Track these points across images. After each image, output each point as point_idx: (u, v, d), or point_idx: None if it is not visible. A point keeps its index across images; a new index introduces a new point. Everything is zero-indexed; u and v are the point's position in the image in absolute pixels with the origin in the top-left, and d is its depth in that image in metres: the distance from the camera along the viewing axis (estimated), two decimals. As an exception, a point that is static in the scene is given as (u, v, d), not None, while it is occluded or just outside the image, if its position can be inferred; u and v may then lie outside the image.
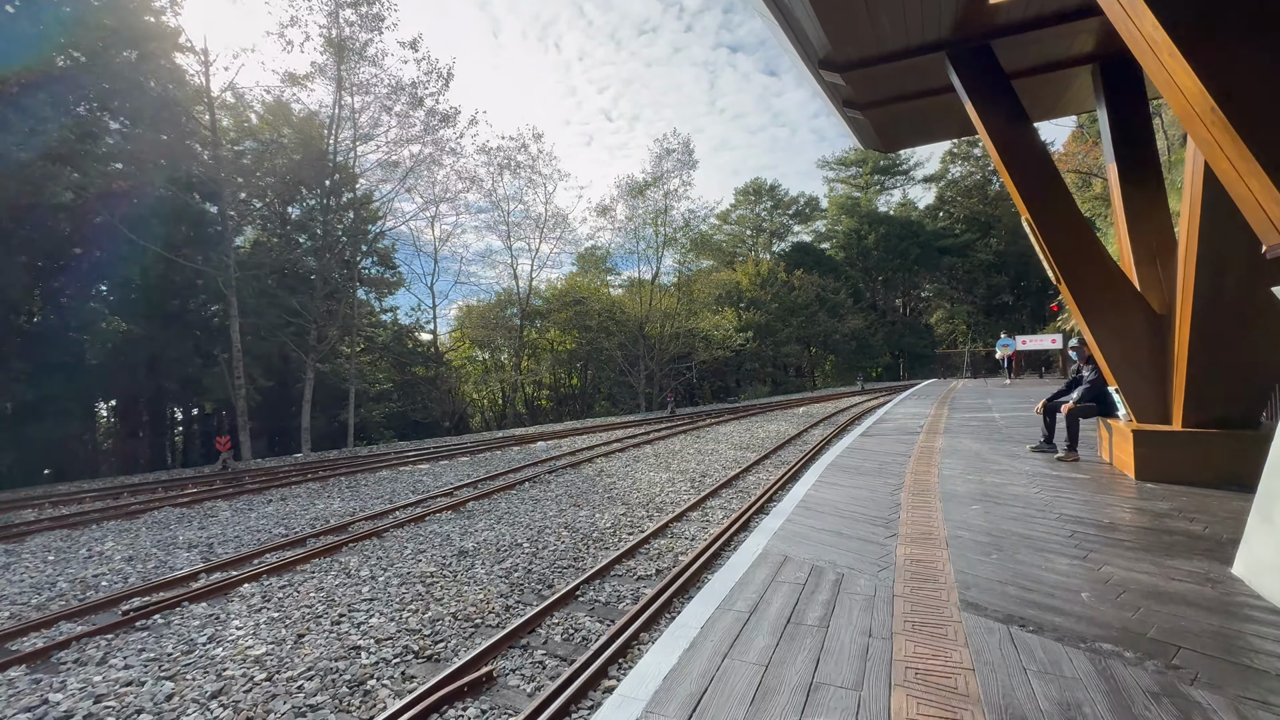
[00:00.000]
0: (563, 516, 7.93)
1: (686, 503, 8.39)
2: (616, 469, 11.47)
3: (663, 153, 27.11)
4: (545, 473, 11.24)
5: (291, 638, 4.51)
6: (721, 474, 10.49)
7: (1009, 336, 19.11)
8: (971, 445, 7.76)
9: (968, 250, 50.14)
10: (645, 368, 28.08)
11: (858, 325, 41.25)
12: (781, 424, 17.75)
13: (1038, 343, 21.38)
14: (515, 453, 14.70)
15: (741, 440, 14.71)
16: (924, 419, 10.83)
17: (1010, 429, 9.08)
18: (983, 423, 9.89)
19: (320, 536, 7.58)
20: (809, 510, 4.89)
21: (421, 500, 9.47)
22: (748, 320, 35.03)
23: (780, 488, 8.94)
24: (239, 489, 11.11)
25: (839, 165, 57.05)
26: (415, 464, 13.61)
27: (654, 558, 6.09)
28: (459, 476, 11.67)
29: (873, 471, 6.38)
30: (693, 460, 12.03)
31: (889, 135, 9.86)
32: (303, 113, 24.84)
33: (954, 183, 56.37)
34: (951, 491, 5.30)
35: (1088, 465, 6.31)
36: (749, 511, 7.53)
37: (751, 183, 50.65)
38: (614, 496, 9.04)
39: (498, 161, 26.80)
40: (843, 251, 52.02)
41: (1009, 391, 16.23)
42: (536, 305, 32.43)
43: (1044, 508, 4.68)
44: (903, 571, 3.47)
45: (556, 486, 10.05)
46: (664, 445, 14.48)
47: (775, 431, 16.06)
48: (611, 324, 28.66)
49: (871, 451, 7.65)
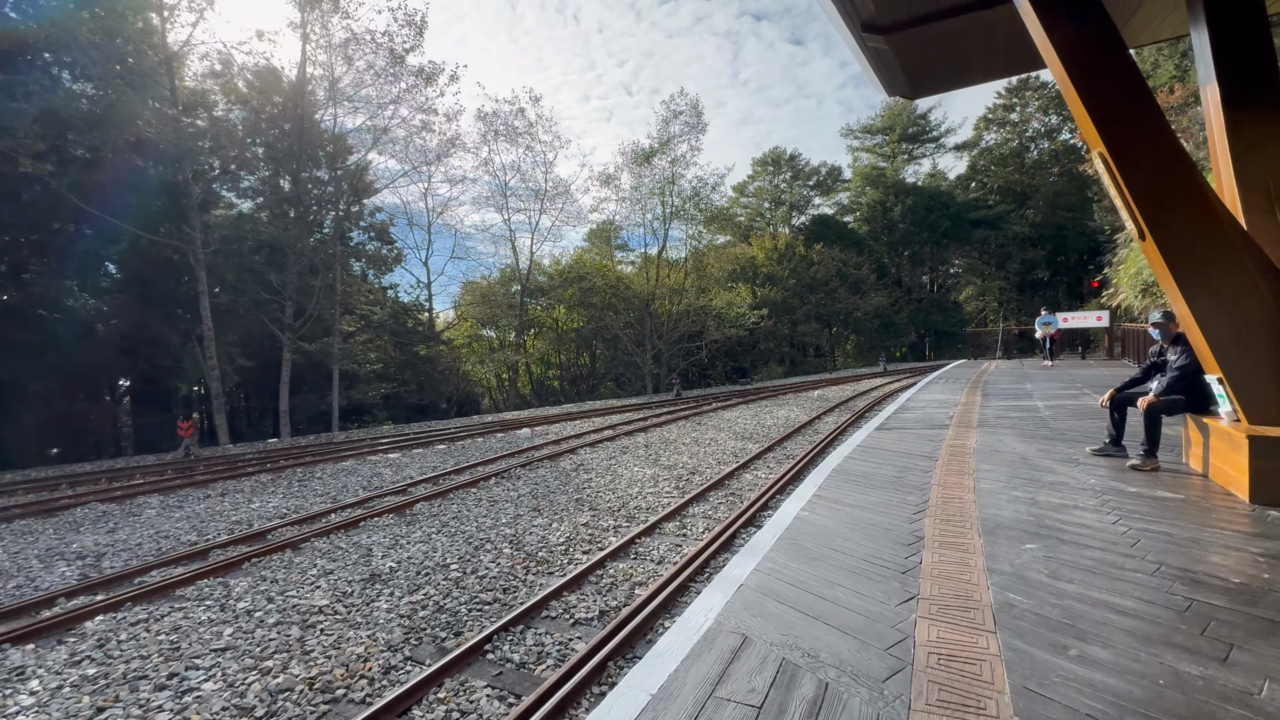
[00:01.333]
0: (515, 525, 6.74)
1: (665, 509, 7.13)
2: (598, 462, 10.24)
3: (670, 115, 25.28)
4: (519, 465, 10.07)
5: (89, 713, 3.39)
6: (715, 470, 9.19)
7: (1050, 313, 17.25)
8: (1014, 445, 6.30)
9: (1001, 222, 47.28)
10: (652, 347, 26.72)
11: (881, 302, 39.16)
12: (793, 409, 16.32)
13: (1081, 320, 19.46)
14: (497, 440, 13.59)
15: (746, 428, 13.37)
16: (953, 408, 9.35)
17: (1059, 422, 7.57)
18: (1024, 414, 8.38)
19: (230, 547, 6.52)
20: (794, 547, 3.57)
21: (368, 499, 8.38)
22: (763, 297, 33.29)
23: (779, 490, 7.61)
24: (187, 480, 10.19)
25: (864, 133, 54.09)
26: (386, 452, 12.58)
27: (604, 590, 4.85)
28: (424, 468, 10.58)
29: (888, 483, 5.01)
30: (686, 452, 10.74)
31: (916, 72, 8.17)
32: (294, 80, 23.72)
33: (988, 150, 53.03)
34: (995, 519, 3.92)
35: (1174, 477, 4.84)
36: (736, 524, 6.23)
37: (770, 152, 48.25)
38: (584, 499, 7.81)
39: (494, 128, 25.33)
40: (867, 225, 49.50)
41: (1050, 375, 14.53)
42: (541, 281, 31.18)
43: (1132, 550, 3.28)
44: (924, 680, 2.15)
45: (524, 484, 8.87)
46: (659, 434, 13.21)
47: (784, 418, 14.66)
48: (617, 301, 27.29)
49: (888, 452, 6.25)
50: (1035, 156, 51.44)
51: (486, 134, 25.22)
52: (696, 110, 25.13)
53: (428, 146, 24.53)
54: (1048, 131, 51.07)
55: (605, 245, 33.57)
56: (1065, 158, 50.29)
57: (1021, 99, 50.81)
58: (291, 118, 20.73)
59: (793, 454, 10.16)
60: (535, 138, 25.98)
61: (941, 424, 7.91)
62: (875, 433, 7.53)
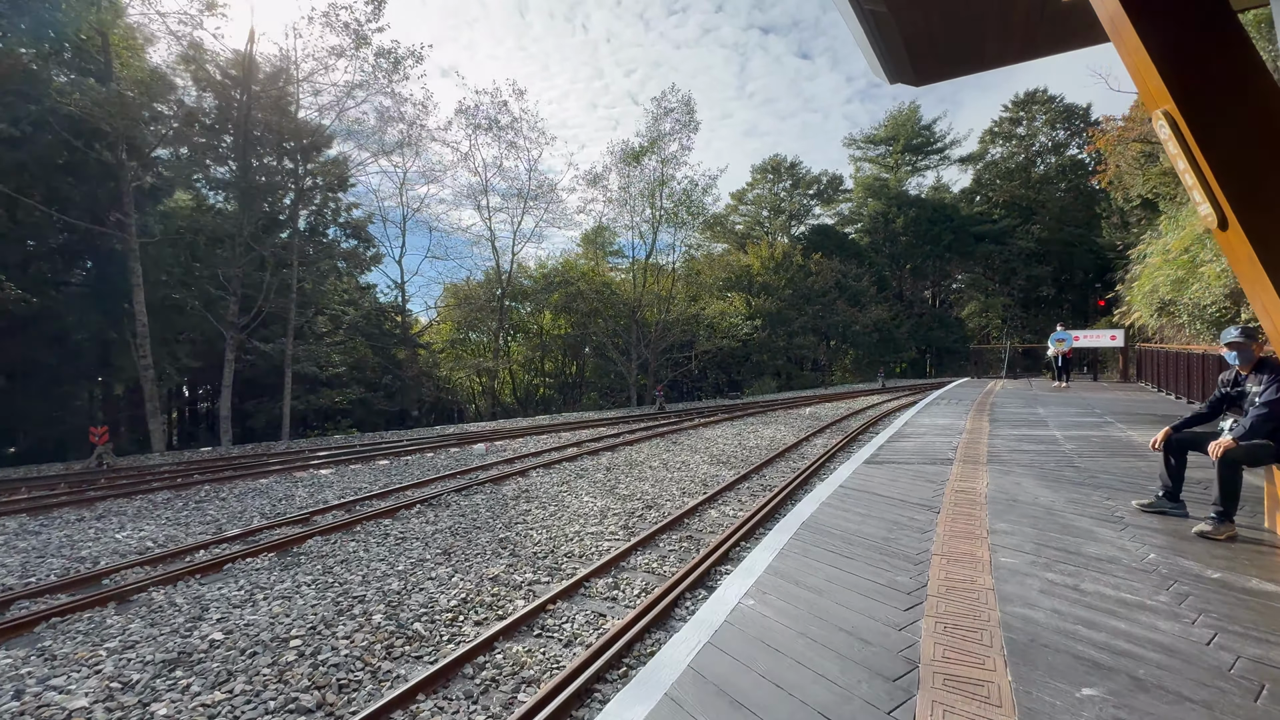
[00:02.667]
0: (409, 576, 5.43)
1: (602, 557, 5.83)
2: (546, 489, 8.94)
3: (660, 113, 24.11)
4: (455, 490, 8.76)
5: None
6: (676, 504, 7.89)
7: (1064, 330, 16.02)
8: (1036, 492, 5.03)
9: (1006, 237, 46.28)
10: (638, 356, 25.46)
11: (881, 316, 37.96)
12: (780, 428, 15.03)
13: (1094, 339, 18.24)
14: (447, 456, 12.28)
15: (725, 450, 12.07)
16: (957, 436, 8.08)
17: (1087, 460, 6.30)
18: (1042, 447, 7.11)
19: (32, 599, 5.19)
20: (719, 678, 2.29)
21: (259, 529, 7.07)
22: (758, 307, 32.08)
23: (746, 535, 6.31)
24: (75, 497, 8.87)
25: (866, 143, 53.24)
26: (319, 468, 11.26)
27: (478, 692, 3.55)
28: (347, 490, 9.26)
29: (871, 549, 3.73)
30: (650, 479, 9.44)
31: (923, 52, 6.99)
32: (268, 68, 22.78)
33: (993, 164, 52.16)
34: (1026, 627, 2.63)
35: (1259, 553, 3.56)
36: (682, 586, 4.93)
37: (770, 160, 47.31)
38: (510, 539, 6.51)
39: (475, 122, 24.17)
40: (868, 236, 48.48)
41: (1063, 398, 13.27)
42: (526, 285, 29.98)
43: (1249, 705, 2.00)
44: None
45: (450, 515, 7.55)
46: (627, 454, 11.90)
47: (770, 439, 13.37)
48: (603, 307, 26.08)
49: (876, 498, 4.98)
50: (1042, 171, 50.56)
51: (468, 128, 24.11)
52: (688, 108, 24.05)
53: (405, 138, 23.40)
54: (1055, 146, 50.25)
55: (599, 251, 32.45)
56: (1073, 173, 49.42)
57: (1028, 112, 50.05)
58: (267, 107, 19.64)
59: (771, 484, 8.86)
60: (519, 133, 24.89)
61: (943, 457, 6.63)
62: (863, 467, 6.25)
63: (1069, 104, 48.57)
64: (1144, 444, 7.14)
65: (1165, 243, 21.36)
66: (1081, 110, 48.11)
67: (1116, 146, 24.37)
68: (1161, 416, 9.73)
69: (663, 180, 24.62)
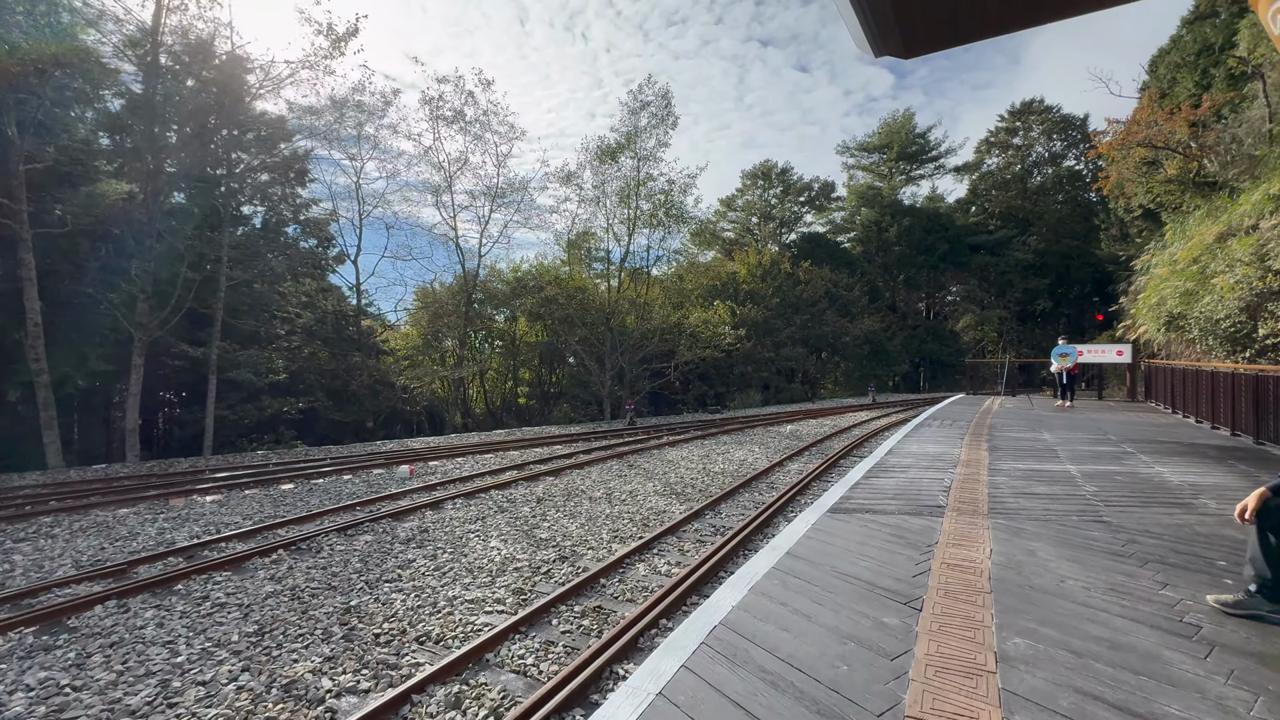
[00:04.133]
0: (186, 674, 3.89)
1: (462, 644, 4.30)
2: (450, 529, 7.39)
3: (637, 106, 22.73)
4: (336, 530, 7.20)
5: None
6: (601, 553, 6.37)
7: (1068, 344, 14.67)
8: (1060, 569, 3.55)
9: (1002, 249, 45.31)
10: (612, 367, 23.96)
11: (873, 327, 36.65)
12: (755, 449, 13.54)
13: (1100, 354, 16.93)
14: (363, 480, 10.69)
15: (685, 476, 10.56)
16: (950, 470, 6.62)
17: (1117, 509, 4.84)
18: (1055, 487, 5.65)
19: None
20: None
21: (42, 589, 5.49)
22: (743, 316, 30.68)
23: (676, 602, 4.81)
24: None
25: (860, 151, 52.38)
26: (208, 492, 9.65)
27: None
28: (210, 526, 7.68)
29: (807, 693, 2.22)
30: (582, 517, 7.90)
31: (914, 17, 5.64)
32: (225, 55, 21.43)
33: (989, 174, 51.40)
34: None
35: None
36: (547, 707, 3.41)
37: (760, 165, 46.21)
38: (358, 609, 4.97)
39: (439, 114, 22.74)
40: (860, 245, 47.41)
41: (1069, 420, 11.87)
42: (499, 289, 28.46)
43: None
44: None
45: (306, 568, 5.99)
46: (571, 480, 10.37)
47: (740, 462, 11.87)
48: (577, 313, 24.59)
49: (834, 578, 3.48)
50: (1039, 182, 49.78)
51: (431, 120, 22.66)
52: (666, 101, 22.64)
53: (359, 129, 21.98)
54: (1052, 157, 49.53)
55: (584, 257, 31.03)
56: (1070, 184, 48.65)
57: (1025, 122, 49.34)
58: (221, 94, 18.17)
59: (725, 525, 7.35)
60: (488, 127, 23.47)
61: (932, 504, 5.16)
62: (826, 520, 4.76)
63: (1066, 114, 47.92)
64: (1182, 486, 5.71)
65: (1172, 253, 20.19)
66: (1079, 121, 47.45)
67: (1119, 152, 23.25)
68: (1188, 445, 8.33)
69: (640, 180, 23.27)
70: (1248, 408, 9.13)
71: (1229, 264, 15.41)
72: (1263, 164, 18.54)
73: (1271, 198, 15.62)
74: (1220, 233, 17.14)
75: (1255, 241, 14.88)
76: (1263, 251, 14.46)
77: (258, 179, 24.20)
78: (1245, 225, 16.19)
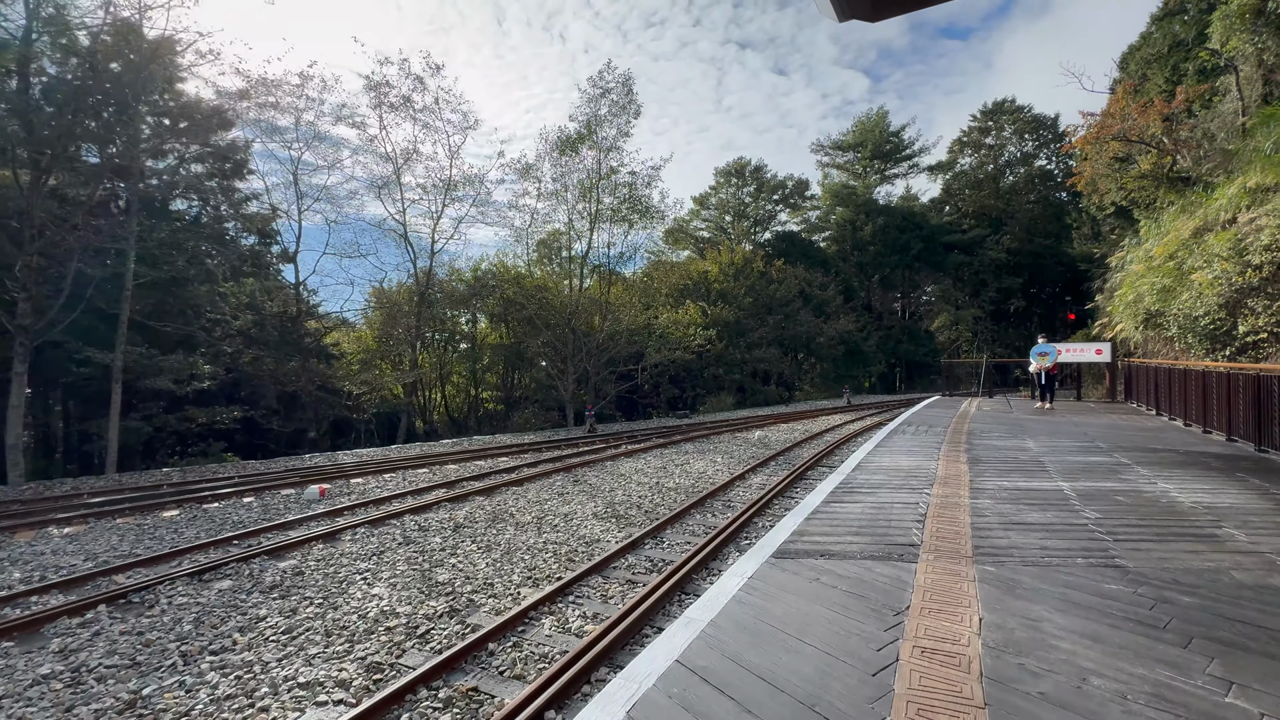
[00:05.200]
0: None
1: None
2: (334, 570, 6.16)
3: (596, 94, 21.53)
4: (187, 574, 5.91)
5: None
6: (503, 604, 5.22)
7: (1047, 342, 13.96)
8: (1072, 649, 2.51)
9: (976, 247, 45.31)
10: (575, 370, 22.76)
11: (848, 327, 36.06)
12: (717, 459, 12.50)
13: (1079, 353, 16.32)
14: (263, 503, 9.34)
15: (633, 494, 9.45)
16: (926, 490, 5.62)
17: (1126, 543, 3.86)
18: (1050, 514, 4.67)
19: None
20: None
21: None
22: (715, 316, 29.73)
23: (559, 697, 3.68)
24: None
25: (834, 149, 52.11)
26: (65, 523, 8.22)
27: None
28: (35, 571, 6.32)
29: None
30: (498, 551, 6.73)
31: None
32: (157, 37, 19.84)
33: (962, 174, 51.54)
34: None
35: None
36: None
37: (734, 162, 45.50)
38: (138, 706, 3.74)
39: (386, 100, 21.25)
40: (835, 244, 46.99)
41: (1051, 424, 11.08)
42: (459, 289, 27.03)
43: None
44: None
45: (105, 641, 4.69)
46: (501, 501, 9.17)
47: (698, 475, 10.81)
48: (537, 313, 23.31)
49: (764, 683, 2.39)
50: (1011, 181, 50.04)
51: (375, 106, 21.17)
52: (628, 88, 21.44)
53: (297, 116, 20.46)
54: (1024, 157, 49.83)
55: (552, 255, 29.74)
56: (1041, 184, 48.96)
57: (997, 122, 49.53)
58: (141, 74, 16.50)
59: (664, 560, 6.26)
60: (438, 115, 22.09)
61: (903, 541, 4.12)
62: (769, 568, 3.69)
63: (1037, 114, 48.22)
64: (1195, 510, 4.79)
65: (1148, 249, 19.78)
66: (1050, 120, 47.78)
67: (1092, 147, 22.89)
68: (1185, 454, 7.51)
69: (601, 174, 22.07)
70: (1246, 411, 8.37)
71: (1207, 259, 14.96)
72: (1238, 158, 18.19)
73: (1248, 191, 15.20)
74: (1197, 228, 16.73)
75: (1233, 236, 14.46)
76: (1241, 246, 14.00)
77: (190, 170, 22.56)
78: (1222, 219, 15.79)
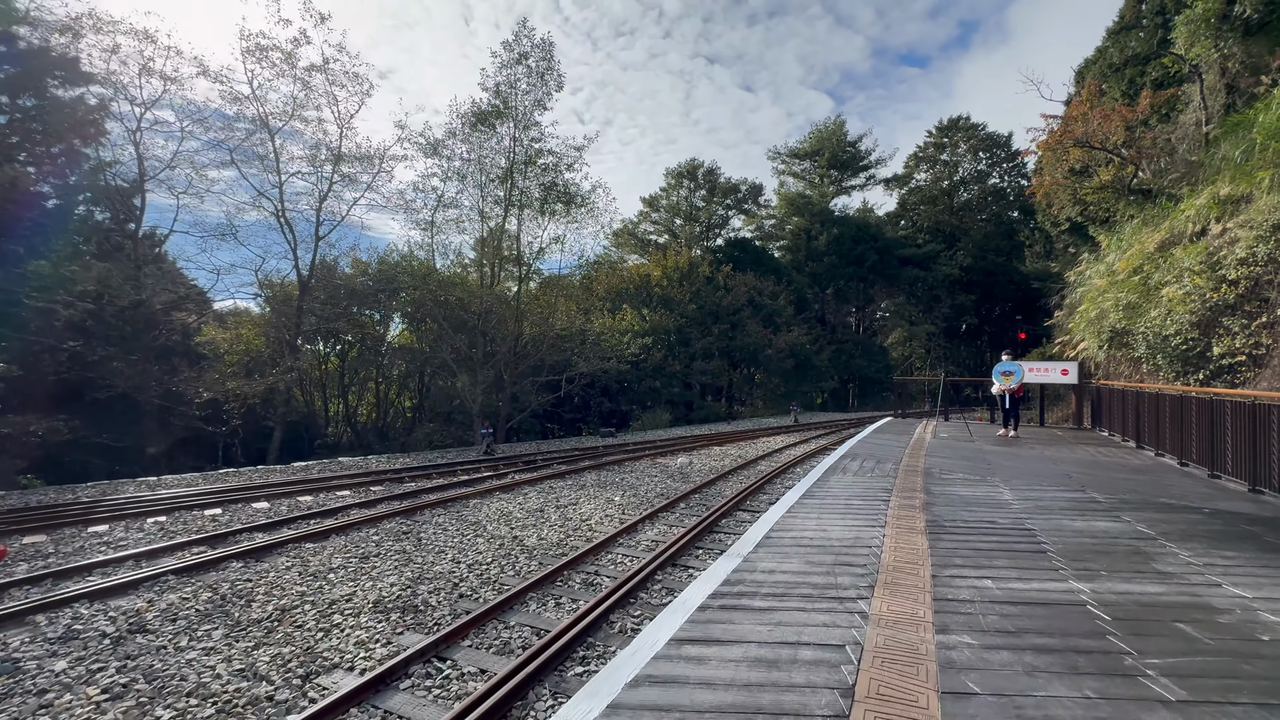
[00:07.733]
0: None
1: None
2: None
3: (511, 60, 18.82)
4: None
5: None
6: None
7: (1012, 360, 12.15)
8: None
9: (930, 262, 44.91)
10: (483, 379, 19.92)
11: (799, 339, 34.39)
12: (614, 498, 9.98)
13: (1043, 374, 14.67)
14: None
15: (463, 561, 6.81)
16: (859, 604, 3.24)
17: None
18: (1081, 660, 2.34)
19: None
20: None
21: None
22: (654, 323, 27.44)
23: None
24: None
25: (791, 157, 51.15)
26: None
27: None
28: None
29: None
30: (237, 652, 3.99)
31: None
32: None
33: (918, 189, 51.44)
34: None
35: None
36: None
37: (685, 163, 43.72)
38: None
39: (265, 58, 17.92)
40: (789, 254, 45.76)
41: (1020, 460, 9.06)
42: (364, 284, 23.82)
43: None
44: None
45: None
46: (251, 577, 6.37)
47: (576, 526, 8.25)
48: (440, 311, 20.41)
49: None
50: (965, 198, 50.21)
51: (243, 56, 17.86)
52: (547, 55, 18.87)
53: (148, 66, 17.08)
54: (977, 175, 50.11)
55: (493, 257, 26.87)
56: (994, 202, 49.27)
57: (951, 139, 49.66)
58: None
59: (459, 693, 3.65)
60: (326, 73, 18.95)
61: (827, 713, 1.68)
62: None
63: (991, 132, 48.60)
64: (1277, 626, 2.54)
65: (1110, 263, 18.66)
66: (1003, 139, 48.17)
67: (1051, 154, 21.83)
68: (1212, 515, 5.45)
69: (519, 155, 19.44)
70: (1277, 453, 6.48)
71: (1176, 274, 13.61)
72: (1204, 169, 17.15)
73: (1219, 202, 13.97)
74: (1162, 240, 15.52)
75: (1204, 249, 13.15)
76: (1214, 260, 12.65)
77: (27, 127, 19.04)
78: (1190, 231, 14.59)
